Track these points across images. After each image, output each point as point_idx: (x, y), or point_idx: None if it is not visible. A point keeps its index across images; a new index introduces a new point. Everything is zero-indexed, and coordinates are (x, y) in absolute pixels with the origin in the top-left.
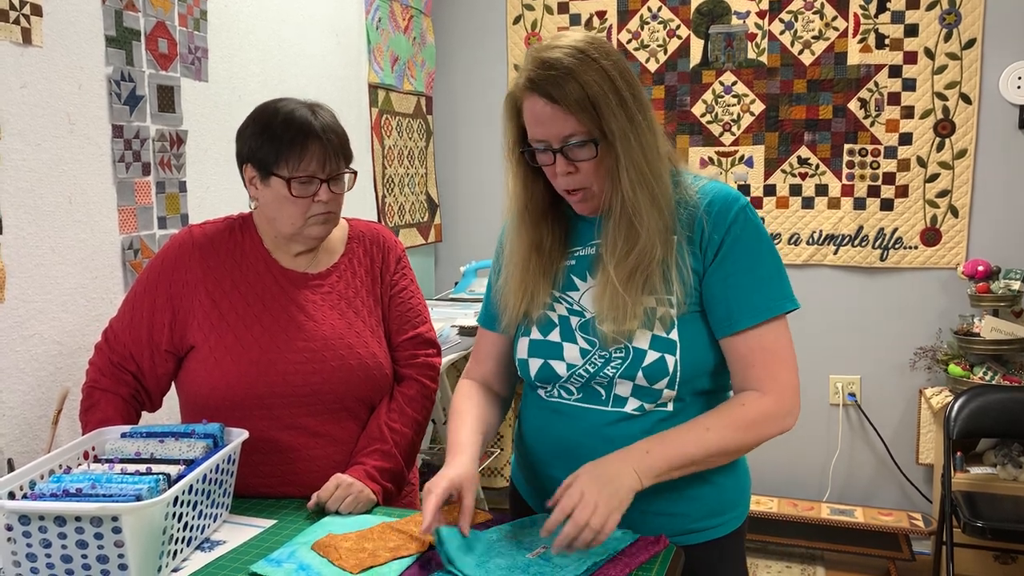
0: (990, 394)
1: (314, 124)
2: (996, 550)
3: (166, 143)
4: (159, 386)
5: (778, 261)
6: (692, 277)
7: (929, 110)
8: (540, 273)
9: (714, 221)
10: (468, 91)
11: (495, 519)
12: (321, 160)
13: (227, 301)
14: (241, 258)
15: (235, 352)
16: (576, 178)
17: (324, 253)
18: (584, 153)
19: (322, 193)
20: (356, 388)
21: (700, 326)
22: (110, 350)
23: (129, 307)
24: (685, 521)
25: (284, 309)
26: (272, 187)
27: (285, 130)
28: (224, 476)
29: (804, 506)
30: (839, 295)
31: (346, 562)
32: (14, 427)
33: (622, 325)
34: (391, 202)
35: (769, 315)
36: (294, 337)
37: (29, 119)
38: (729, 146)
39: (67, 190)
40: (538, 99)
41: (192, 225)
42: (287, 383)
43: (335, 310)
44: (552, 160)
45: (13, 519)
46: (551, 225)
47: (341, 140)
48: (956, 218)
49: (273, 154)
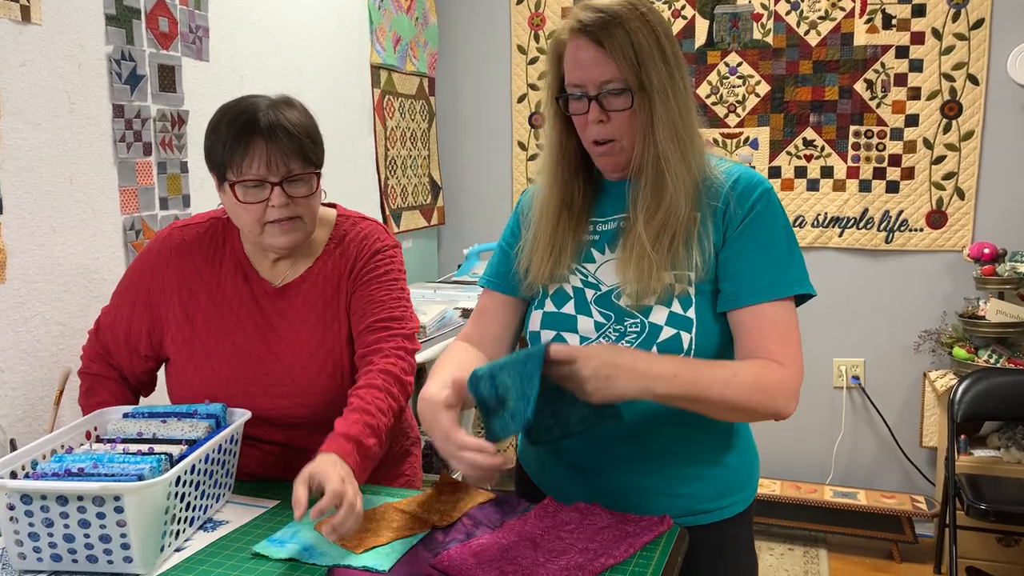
0: (995, 377)
1: (260, 121)
2: (999, 532)
3: (167, 123)
4: (141, 383)
5: (795, 245)
6: (712, 251)
7: (936, 91)
8: (569, 233)
9: (739, 197)
10: (471, 72)
11: (498, 498)
12: (266, 160)
13: (200, 315)
14: (219, 267)
15: (204, 372)
16: (607, 128)
17: (305, 258)
18: (619, 102)
19: (275, 197)
20: (327, 410)
21: (714, 304)
22: (98, 341)
23: (114, 304)
24: (692, 502)
25: (256, 327)
26: (226, 192)
27: (228, 130)
28: (226, 456)
29: (807, 489)
30: (844, 278)
31: (349, 542)
32: (16, 407)
33: (644, 297)
34: (393, 184)
35: (779, 294)
36: (264, 357)
37: (29, 98)
38: (734, 128)
39: (68, 170)
40: (583, 41)
41: (175, 224)
42: (257, 407)
43: (306, 325)
44: (586, 108)
45: (15, 498)
46: (582, 185)
47: (295, 139)
48: (962, 200)
49: (219, 156)
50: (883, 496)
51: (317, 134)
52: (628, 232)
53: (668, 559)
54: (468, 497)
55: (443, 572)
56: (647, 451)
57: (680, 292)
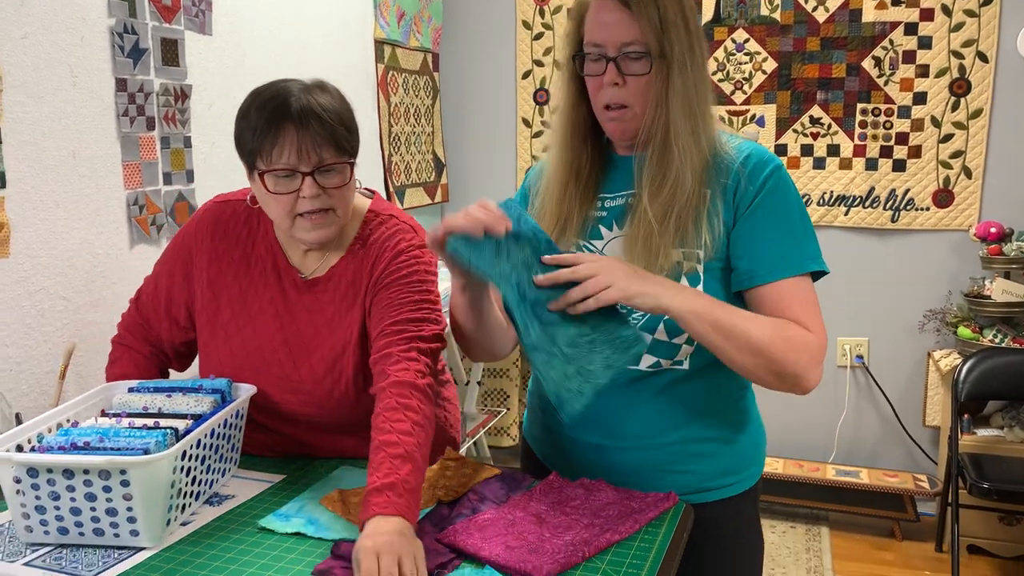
0: (999, 356)
1: (291, 107)
2: (1001, 511)
3: (170, 97)
4: (180, 354)
5: (808, 222)
6: (722, 229)
7: (945, 68)
8: (576, 203)
9: (750, 174)
10: (475, 48)
11: (504, 474)
12: (297, 149)
13: (226, 295)
14: (251, 249)
15: (223, 353)
16: (620, 92)
17: (335, 251)
18: (637, 67)
19: (305, 188)
20: (332, 412)
21: (723, 283)
22: (138, 311)
23: (155, 273)
24: (698, 479)
25: (277, 316)
26: (256, 182)
27: (259, 115)
28: (232, 431)
29: (810, 467)
30: (849, 257)
31: (355, 516)
32: (22, 382)
33: (651, 272)
34: (397, 161)
35: (796, 270)
36: (278, 349)
37: (31, 71)
38: (740, 105)
39: (70, 144)
40: (610, 2)
41: (217, 198)
42: (268, 397)
43: (325, 327)
44: (602, 69)
45: (21, 471)
46: (591, 154)
47: (328, 126)
48: (969, 179)
49: (248, 143)
50: (885, 475)
51: (352, 121)
52: (635, 209)
53: (673, 535)
54: (474, 473)
55: (449, 547)
56: (652, 428)
57: (688, 270)
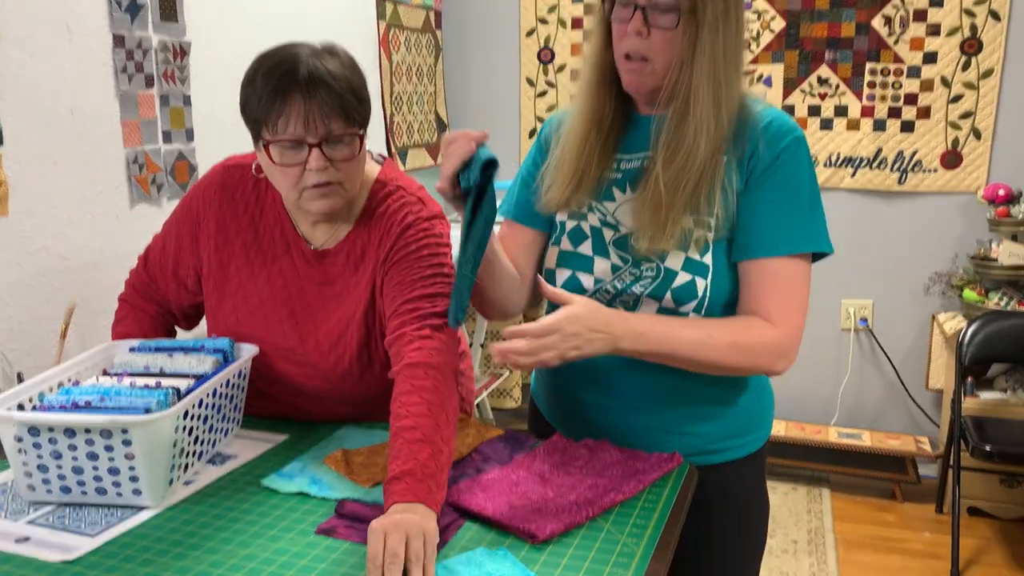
0: (1004, 320)
1: (298, 73)
2: (1002, 474)
3: (169, 55)
4: (187, 315)
5: (817, 200)
6: (734, 199)
7: (956, 27)
8: (594, 158)
9: (769, 140)
10: (478, 5)
11: (508, 434)
12: (304, 118)
13: (233, 264)
14: (260, 216)
15: (230, 320)
16: (644, 43)
17: (345, 223)
18: (665, 20)
19: (312, 160)
20: (336, 386)
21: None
22: (146, 270)
23: (164, 233)
24: (703, 441)
25: (285, 287)
26: (261, 152)
27: (265, 82)
28: (234, 391)
29: (812, 429)
30: (855, 219)
31: (358, 476)
32: (23, 341)
33: (658, 241)
34: (399, 121)
35: (789, 250)
36: (284, 321)
37: (26, 26)
38: (747, 65)
39: (68, 101)
40: None
41: (227, 161)
42: (271, 368)
43: (332, 301)
44: (629, 16)
45: (23, 431)
46: (613, 106)
47: (336, 95)
48: (979, 141)
49: (254, 111)
50: (887, 437)
51: (363, 89)
52: (649, 173)
53: (677, 496)
54: (477, 433)
55: (453, 506)
56: (658, 390)
57: (698, 237)
